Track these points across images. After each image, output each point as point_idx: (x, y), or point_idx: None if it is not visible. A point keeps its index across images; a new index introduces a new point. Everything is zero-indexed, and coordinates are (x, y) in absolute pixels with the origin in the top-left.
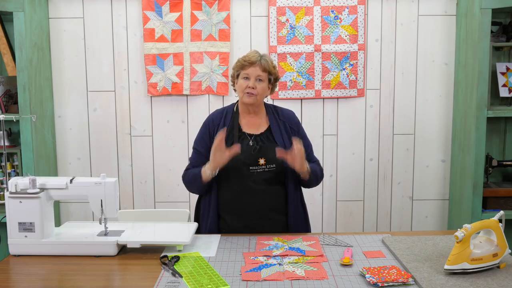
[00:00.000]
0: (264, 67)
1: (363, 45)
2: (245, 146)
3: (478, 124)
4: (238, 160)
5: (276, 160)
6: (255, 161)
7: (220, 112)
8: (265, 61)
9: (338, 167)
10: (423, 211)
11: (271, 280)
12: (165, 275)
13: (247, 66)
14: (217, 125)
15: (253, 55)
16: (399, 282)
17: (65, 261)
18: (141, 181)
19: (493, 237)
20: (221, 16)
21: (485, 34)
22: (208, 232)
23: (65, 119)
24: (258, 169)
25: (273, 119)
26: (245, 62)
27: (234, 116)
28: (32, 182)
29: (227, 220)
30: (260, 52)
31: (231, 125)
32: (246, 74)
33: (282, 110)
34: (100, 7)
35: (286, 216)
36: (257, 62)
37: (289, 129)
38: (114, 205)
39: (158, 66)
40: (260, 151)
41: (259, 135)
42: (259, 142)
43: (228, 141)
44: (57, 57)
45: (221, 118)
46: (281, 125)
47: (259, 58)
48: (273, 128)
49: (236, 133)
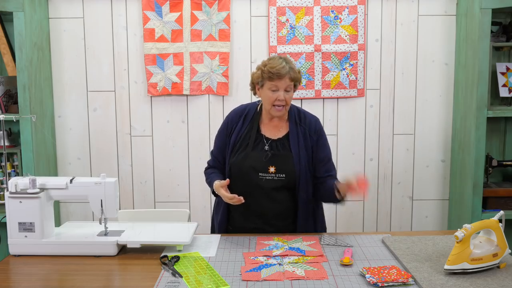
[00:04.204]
0: (292, 78)
1: (363, 45)
2: (259, 150)
3: (478, 124)
4: (248, 164)
5: (286, 170)
6: (265, 168)
7: (241, 110)
8: (293, 71)
9: (338, 167)
10: (423, 211)
11: (271, 280)
12: (165, 275)
13: (275, 79)
14: (236, 123)
15: (282, 66)
16: (399, 282)
17: (65, 261)
18: (141, 181)
19: (493, 237)
20: (221, 16)
21: (485, 34)
22: (218, 226)
23: (65, 119)
24: (267, 177)
25: (293, 126)
26: (273, 75)
27: (255, 118)
28: (32, 182)
29: (236, 219)
30: (282, 58)
31: (249, 127)
32: (274, 87)
33: (305, 115)
34: (100, 7)
35: (294, 224)
36: (286, 75)
37: (308, 137)
38: (114, 205)
39: (158, 66)
40: (272, 159)
41: (276, 140)
42: (274, 149)
43: (244, 142)
44: (57, 57)
45: (240, 117)
46: (300, 132)
47: (288, 70)
48: (291, 135)
49: (253, 136)
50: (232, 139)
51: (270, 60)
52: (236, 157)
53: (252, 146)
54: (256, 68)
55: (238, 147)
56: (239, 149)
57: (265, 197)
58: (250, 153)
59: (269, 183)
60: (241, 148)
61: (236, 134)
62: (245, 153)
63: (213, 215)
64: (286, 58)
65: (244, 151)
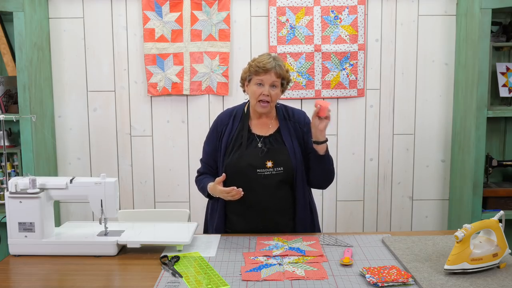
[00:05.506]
0: (278, 74)
1: (363, 45)
2: (253, 148)
3: (478, 124)
4: (245, 162)
5: (284, 163)
6: (262, 164)
7: (230, 112)
8: (280, 67)
9: (338, 167)
10: (423, 211)
11: (271, 280)
12: (165, 275)
13: (261, 73)
14: (226, 125)
15: (268, 61)
16: (399, 282)
17: (65, 261)
18: (141, 181)
19: (493, 237)
20: (221, 16)
21: (485, 34)
22: (215, 231)
23: (65, 119)
24: (266, 172)
25: (283, 121)
26: (259, 69)
27: (244, 118)
28: (32, 182)
29: (234, 221)
30: (271, 55)
31: (240, 127)
32: (260, 81)
33: (293, 110)
34: (100, 7)
35: (293, 220)
36: (272, 69)
37: (299, 130)
38: (114, 205)
39: (158, 66)
40: (268, 153)
41: (268, 136)
42: (268, 144)
43: (237, 142)
44: (57, 57)
45: (230, 118)
46: (291, 127)
47: (274, 65)
48: (283, 130)
49: (245, 135)
50: (224, 141)
51: (259, 56)
52: (231, 158)
53: (246, 145)
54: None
55: (231, 148)
56: (233, 149)
57: (265, 193)
58: (245, 152)
59: (268, 178)
60: (235, 148)
61: (228, 135)
62: (239, 152)
63: (207, 220)
64: (276, 56)
65: (238, 151)
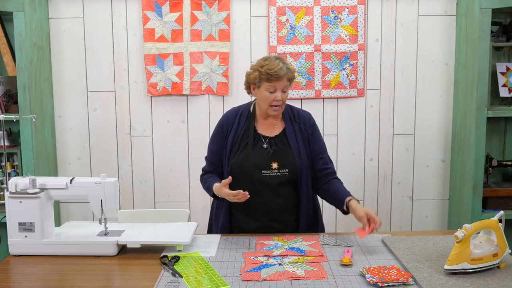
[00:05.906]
0: (289, 78)
1: (363, 45)
2: (259, 149)
3: (478, 124)
4: (251, 163)
5: (289, 164)
6: (267, 165)
7: (235, 111)
8: (289, 71)
9: (338, 167)
10: (423, 211)
11: (271, 280)
12: (165, 275)
13: (274, 81)
14: (231, 124)
15: (279, 67)
16: (399, 282)
17: (65, 261)
18: (141, 181)
19: (493, 237)
20: (221, 16)
21: (485, 34)
22: (220, 231)
23: (65, 119)
24: (271, 173)
25: (289, 121)
26: (271, 76)
27: (250, 118)
28: (32, 182)
29: (239, 220)
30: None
31: (246, 127)
32: (272, 88)
33: (298, 111)
34: (100, 7)
35: (297, 220)
36: (284, 76)
37: (303, 131)
38: (114, 205)
39: (158, 66)
40: (274, 155)
41: (273, 137)
42: (273, 145)
43: (242, 142)
44: (57, 57)
45: (235, 117)
46: (296, 127)
47: (286, 71)
48: (288, 131)
49: (251, 136)
50: (230, 140)
51: (266, 61)
52: (236, 157)
53: (252, 145)
54: (252, 69)
55: (237, 147)
56: (239, 149)
57: (270, 193)
58: (251, 152)
59: (273, 179)
60: (241, 148)
61: (233, 134)
62: (245, 152)
63: (211, 220)
64: (281, 58)
65: (244, 151)
